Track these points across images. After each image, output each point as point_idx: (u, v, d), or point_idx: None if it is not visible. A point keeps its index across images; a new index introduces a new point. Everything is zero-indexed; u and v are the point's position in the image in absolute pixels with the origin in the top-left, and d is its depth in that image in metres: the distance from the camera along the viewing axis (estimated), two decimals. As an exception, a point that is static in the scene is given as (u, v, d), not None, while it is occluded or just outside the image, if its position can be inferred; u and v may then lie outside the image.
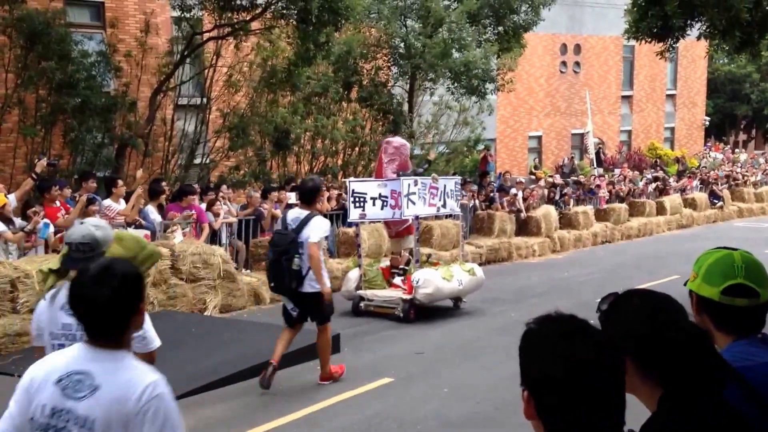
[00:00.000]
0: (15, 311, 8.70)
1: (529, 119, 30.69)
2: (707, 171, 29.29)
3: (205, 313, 10.74)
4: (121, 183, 11.52)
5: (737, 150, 39.13)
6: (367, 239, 13.38)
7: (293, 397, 7.00)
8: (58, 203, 10.48)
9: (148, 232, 10.61)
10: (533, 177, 24.45)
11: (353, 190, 11.11)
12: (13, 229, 9.54)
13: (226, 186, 14.07)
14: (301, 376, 7.72)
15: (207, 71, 16.49)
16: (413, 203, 11.06)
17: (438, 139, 20.98)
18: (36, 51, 13.56)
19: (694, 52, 33.67)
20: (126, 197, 11.18)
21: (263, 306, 11.59)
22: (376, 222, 13.26)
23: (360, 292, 11.13)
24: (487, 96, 20.22)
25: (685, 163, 31.39)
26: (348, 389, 7.44)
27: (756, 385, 2.04)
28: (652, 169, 28.02)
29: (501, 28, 20.97)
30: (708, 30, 12.46)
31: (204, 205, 12.22)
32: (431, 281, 10.64)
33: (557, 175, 23.91)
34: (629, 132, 34.70)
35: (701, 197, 25.98)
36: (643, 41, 12.89)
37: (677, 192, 25.22)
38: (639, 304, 2.01)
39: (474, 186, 17.84)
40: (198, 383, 7.21)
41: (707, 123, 38.58)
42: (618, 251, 19.15)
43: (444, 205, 11.79)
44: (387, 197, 11.13)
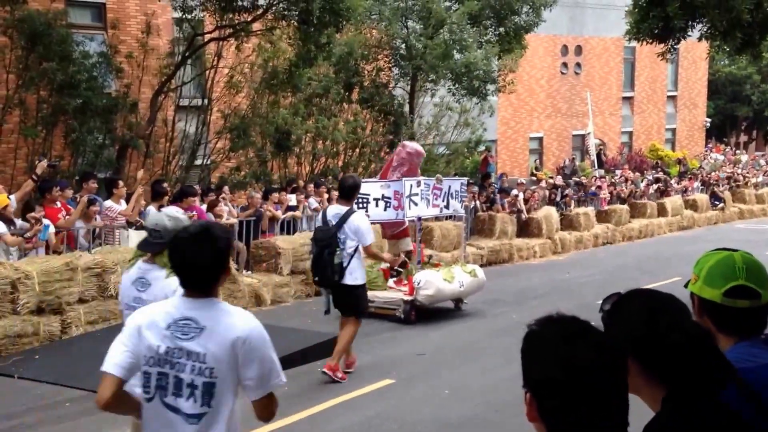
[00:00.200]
0: (15, 312, 8.62)
1: (530, 120, 30.69)
2: (708, 172, 29.26)
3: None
4: (122, 184, 11.51)
5: (738, 151, 39.08)
6: (368, 240, 13.33)
7: (294, 399, 6.99)
8: (58, 204, 10.45)
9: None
10: (534, 178, 24.43)
11: (356, 190, 11.08)
12: (14, 231, 9.53)
13: (227, 187, 14.06)
14: (302, 377, 7.71)
15: (208, 72, 16.51)
16: (415, 204, 11.05)
17: (439, 141, 21.00)
18: (37, 52, 13.55)
19: (695, 53, 33.66)
20: (127, 198, 11.18)
21: (264, 307, 11.58)
22: (377, 223, 13.22)
23: (361, 293, 11.11)
24: (488, 97, 20.26)
25: (687, 165, 31.36)
26: (349, 390, 7.44)
27: (758, 387, 2.03)
28: (653, 171, 27.98)
29: (502, 29, 20.97)
30: (709, 31, 12.46)
31: (204, 206, 12.21)
32: (432, 282, 10.62)
33: (558, 177, 23.88)
34: (630, 133, 34.69)
35: (702, 199, 25.94)
36: (644, 42, 12.89)
37: (678, 193, 25.18)
38: (641, 304, 2.00)
39: (475, 187, 17.84)
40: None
41: (708, 124, 38.56)
42: (619, 252, 19.14)
43: (447, 206, 11.79)
44: (390, 198, 11.11)
